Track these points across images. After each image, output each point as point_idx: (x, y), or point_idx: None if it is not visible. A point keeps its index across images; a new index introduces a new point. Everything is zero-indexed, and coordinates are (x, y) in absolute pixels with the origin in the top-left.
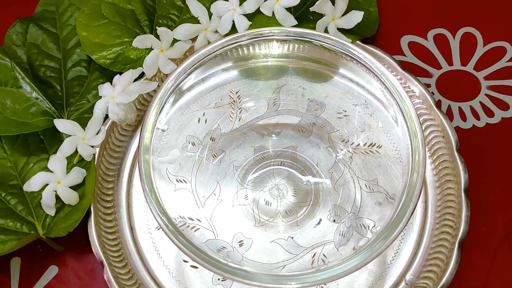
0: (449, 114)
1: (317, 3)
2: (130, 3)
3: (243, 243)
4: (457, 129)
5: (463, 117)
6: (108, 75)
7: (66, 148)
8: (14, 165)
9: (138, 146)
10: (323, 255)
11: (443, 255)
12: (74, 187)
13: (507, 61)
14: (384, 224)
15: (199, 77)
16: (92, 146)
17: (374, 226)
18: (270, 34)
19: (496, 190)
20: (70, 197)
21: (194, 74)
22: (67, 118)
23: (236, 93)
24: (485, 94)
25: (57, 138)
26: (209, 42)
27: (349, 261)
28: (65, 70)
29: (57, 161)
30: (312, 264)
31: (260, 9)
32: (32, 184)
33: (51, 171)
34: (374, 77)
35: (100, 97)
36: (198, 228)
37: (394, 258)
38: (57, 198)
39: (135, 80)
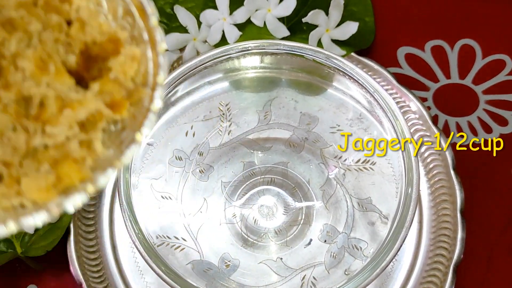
0: (446, 130)
1: (310, 13)
2: None
3: (229, 264)
4: (454, 145)
5: (461, 132)
6: None
7: None
8: None
9: None
10: (313, 277)
11: (437, 278)
12: None
13: (506, 75)
14: (377, 247)
15: (187, 89)
16: None
17: (366, 247)
18: (260, 47)
19: (493, 210)
20: None
21: (181, 87)
22: None
23: (226, 105)
24: (483, 109)
25: None
26: (198, 52)
27: None
28: None
29: None
30: (301, 287)
31: (251, 19)
32: None
33: None
34: (366, 93)
35: None
36: (183, 248)
37: (387, 281)
38: None
39: None
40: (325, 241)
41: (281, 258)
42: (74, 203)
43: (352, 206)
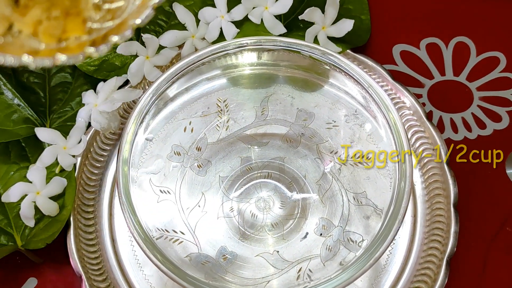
0: (440, 126)
1: (306, 11)
2: None
3: (227, 257)
4: (448, 141)
5: (455, 128)
6: (93, 82)
7: (46, 158)
8: None
9: (117, 159)
10: (309, 270)
11: (431, 271)
12: (54, 198)
13: (500, 72)
14: (371, 239)
15: (185, 85)
16: (73, 156)
17: (361, 241)
18: (257, 43)
19: (486, 204)
20: (49, 208)
21: (179, 83)
22: (50, 126)
23: (224, 101)
24: (478, 106)
25: (39, 146)
26: (196, 49)
27: (336, 278)
28: (49, 76)
29: (36, 171)
30: (297, 280)
31: (249, 16)
32: (11, 195)
33: (30, 181)
34: (362, 89)
35: (84, 104)
36: (181, 241)
37: (382, 274)
38: (37, 209)
39: (120, 87)
40: (321, 234)
41: (278, 251)
42: (74, 60)
43: (347, 200)
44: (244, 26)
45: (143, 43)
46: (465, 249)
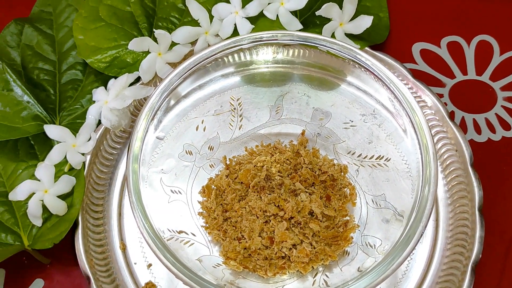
0: (462, 127)
1: (323, 6)
2: (129, 5)
3: None
4: (471, 143)
5: (478, 129)
6: (104, 79)
7: (55, 155)
8: (2, 171)
9: (127, 155)
10: (326, 275)
11: (455, 277)
12: (63, 196)
13: None
14: (391, 245)
15: (198, 83)
16: (83, 154)
17: (380, 245)
18: (273, 37)
19: (510, 208)
20: (57, 207)
21: (192, 79)
22: (59, 123)
23: (237, 100)
24: (501, 106)
25: (48, 143)
26: (209, 46)
27: (354, 285)
28: (60, 73)
29: (44, 169)
30: (313, 285)
31: (264, 12)
32: (18, 193)
33: (38, 180)
34: (383, 85)
35: (94, 101)
36: (193, 243)
37: (402, 280)
38: (44, 207)
39: (131, 84)
40: None
41: None
42: None
43: (365, 202)
44: (259, 22)
45: (155, 40)
46: (489, 255)
